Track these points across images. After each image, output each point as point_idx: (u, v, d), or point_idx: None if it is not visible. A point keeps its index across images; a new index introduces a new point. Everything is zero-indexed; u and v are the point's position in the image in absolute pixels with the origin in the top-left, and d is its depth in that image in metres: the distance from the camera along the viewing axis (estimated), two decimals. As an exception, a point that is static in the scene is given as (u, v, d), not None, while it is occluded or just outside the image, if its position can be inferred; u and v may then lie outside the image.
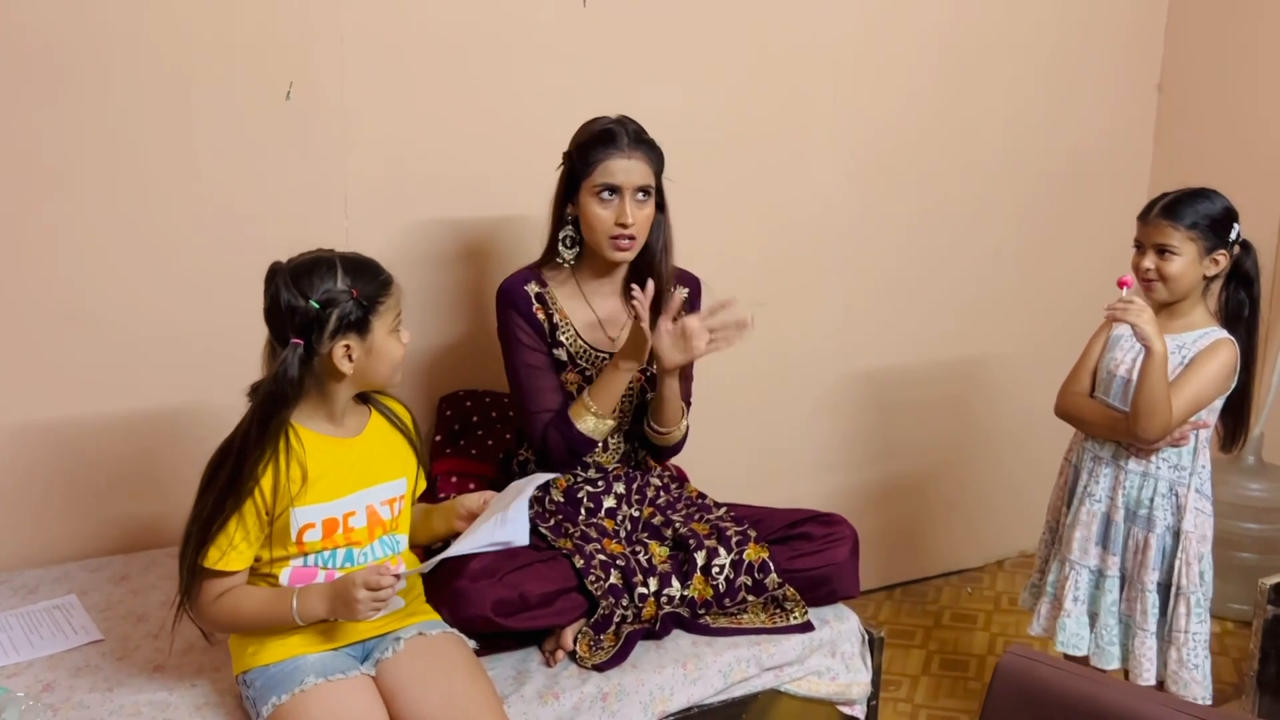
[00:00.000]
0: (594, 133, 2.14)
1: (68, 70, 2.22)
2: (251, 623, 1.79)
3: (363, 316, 1.76)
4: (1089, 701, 1.50)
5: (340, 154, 2.48)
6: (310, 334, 1.74)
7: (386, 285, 1.80)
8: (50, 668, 1.94)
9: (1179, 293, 2.26)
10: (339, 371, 1.77)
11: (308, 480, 1.76)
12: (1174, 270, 2.23)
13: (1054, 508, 2.52)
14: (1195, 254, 2.23)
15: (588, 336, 2.23)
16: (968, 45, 3.18)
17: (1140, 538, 2.29)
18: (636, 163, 2.11)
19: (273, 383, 1.74)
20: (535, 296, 2.21)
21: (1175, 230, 2.22)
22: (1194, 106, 3.47)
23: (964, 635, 3.18)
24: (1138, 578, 2.28)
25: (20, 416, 2.31)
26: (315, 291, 1.73)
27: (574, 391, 2.21)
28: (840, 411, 3.25)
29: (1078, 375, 2.41)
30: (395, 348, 1.82)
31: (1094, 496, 2.35)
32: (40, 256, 2.28)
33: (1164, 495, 2.28)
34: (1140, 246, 2.30)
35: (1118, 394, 2.31)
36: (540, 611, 2.01)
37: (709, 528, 2.26)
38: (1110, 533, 2.33)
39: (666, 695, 2.03)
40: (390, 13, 2.47)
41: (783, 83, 2.95)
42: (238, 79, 2.36)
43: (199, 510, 1.75)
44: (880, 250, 3.19)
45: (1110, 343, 2.38)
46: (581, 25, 2.66)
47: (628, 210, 2.10)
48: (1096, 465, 2.36)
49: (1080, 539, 2.36)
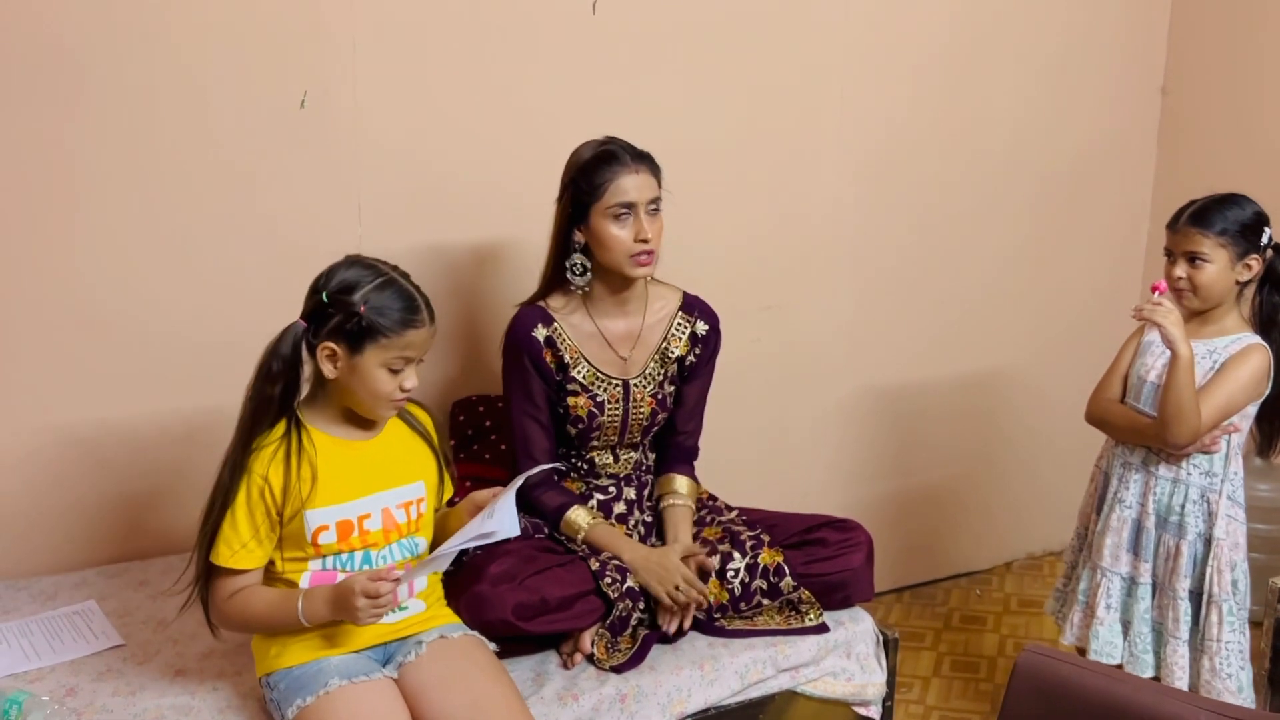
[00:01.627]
0: (594, 155, 2.14)
1: (87, 79, 2.25)
2: (261, 623, 1.80)
3: (358, 333, 1.75)
4: (1106, 697, 1.51)
5: (354, 161, 2.50)
6: (314, 322, 1.77)
7: (400, 325, 1.76)
8: (73, 672, 1.96)
9: (1212, 300, 2.23)
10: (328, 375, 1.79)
11: (318, 480, 1.78)
12: (1205, 279, 2.20)
13: (1084, 514, 2.49)
14: (1227, 261, 2.20)
15: (599, 362, 2.23)
16: (972, 49, 3.20)
17: (1171, 544, 2.26)
18: (644, 176, 2.12)
19: (265, 354, 1.77)
20: (545, 341, 2.19)
21: (1205, 238, 2.20)
22: (1198, 109, 3.48)
23: (974, 637, 3.20)
24: (1169, 585, 2.26)
25: (38, 424, 2.33)
26: (337, 286, 1.76)
27: (583, 416, 2.22)
28: (851, 414, 3.26)
29: (1109, 381, 2.38)
30: (383, 381, 1.77)
31: (1124, 503, 2.32)
32: (60, 263, 2.30)
33: (1195, 502, 2.24)
34: (1171, 255, 2.27)
35: (1148, 399, 2.28)
36: (560, 615, 2.03)
37: (722, 531, 2.28)
38: (1141, 539, 2.30)
39: (684, 696, 2.04)
40: (403, 22, 2.49)
41: (788, 88, 2.96)
42: (253, 88, 2.38)
43: (209, 505, 1.78)
44: (886, 254, 3.20)
45: (1141, 348, 2.35)
46: (591, 32, 2.68)
47: (645, 225, 2.11)
48: (1127, 471, 2.33)
49: (1111, 545, 2.33)
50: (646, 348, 2.27)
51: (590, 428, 2.24)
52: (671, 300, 2.30)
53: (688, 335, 2.29)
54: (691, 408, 2.35)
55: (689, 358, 2.29)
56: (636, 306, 2.26)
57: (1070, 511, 2.58)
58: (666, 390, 2.30)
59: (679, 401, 2.33)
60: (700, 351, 2.30)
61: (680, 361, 2.29)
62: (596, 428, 2.24)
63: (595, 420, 2.23)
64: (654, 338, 2.27)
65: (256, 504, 1.77)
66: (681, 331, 2.29)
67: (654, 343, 2.27)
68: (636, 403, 2.25)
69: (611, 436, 2.27)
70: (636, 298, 2.25)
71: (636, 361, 2.26)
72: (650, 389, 2.27)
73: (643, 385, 2.26)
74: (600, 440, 2.27)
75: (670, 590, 2.07)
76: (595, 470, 2.29)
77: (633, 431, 2.28)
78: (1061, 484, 3.32)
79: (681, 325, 2.29)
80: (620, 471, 2.31)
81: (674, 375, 2.31)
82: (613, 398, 2.23)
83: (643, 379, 2.26)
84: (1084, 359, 2.70)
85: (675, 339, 2.28)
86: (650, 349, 2.27)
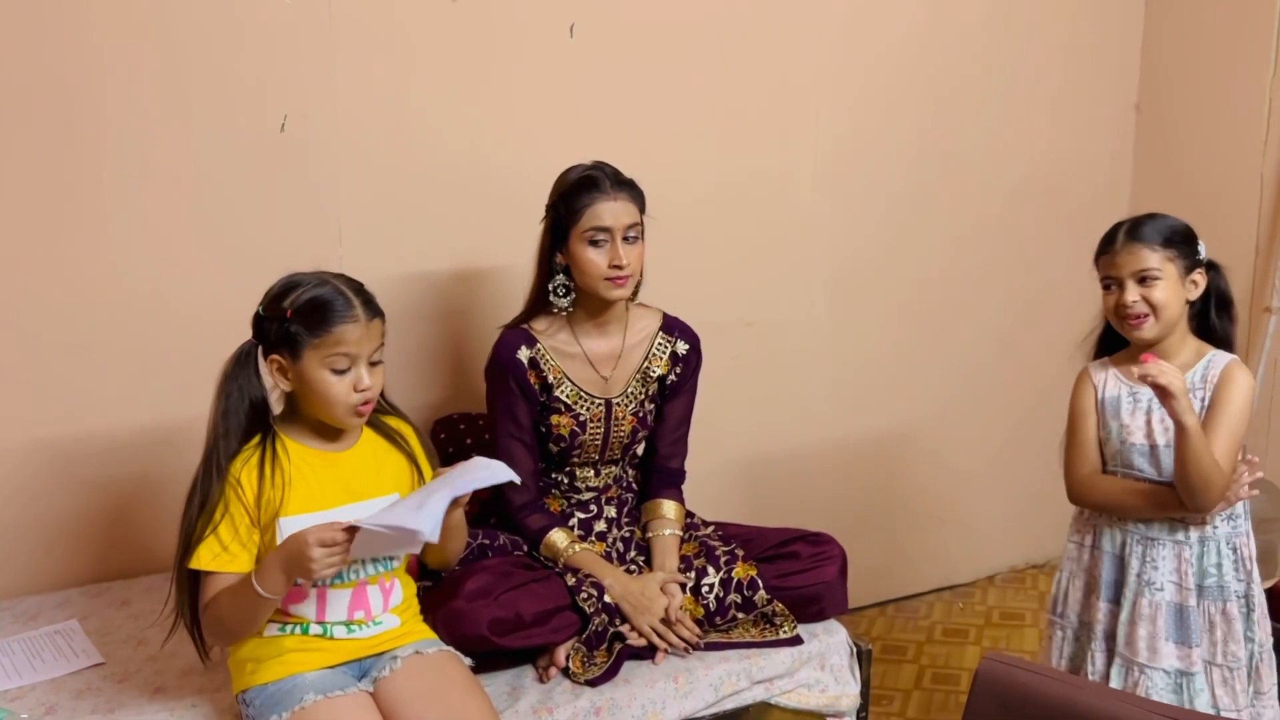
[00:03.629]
0: (576, 180, 2.18)
1: (67, 102, 2.28)
2: (232, 616, 1.77)
3: (291, 338, 1.77)
4: (1067, 704, 1.53)
5: (334, 183, 2.53)
6: (260, 339, 1.82)
7: (327, 322, 1.76)
8: (53, 691, 1.98)
9: (1170, 322, 2.01)
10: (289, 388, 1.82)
11: (291, 487, 1.80)
12: (1162, 296, 1.99)
13: (1075, 602, 2.18)
14: (1176, 275, 2.00)
15: (581, 381, 2.26)
16: (945, 65, 3.24)
17: (1215, 612, 2.02)
18: (622, 204, 2.16)
19: (220, 378, 1.83)
20: (529, 362, 2.22)
21: (1153, 251, 1.99)
22: (1172, 125, 3.51)
23: (955, 650, 3.21)
24: (1224, 656, 2.01)
25: (18, 444, 2.35)
26: (270, 297, 1.82)
27: (565, 435, 2.24)
28: (829, 428, 3.29)
29: (1081, 452, 2.12)
30: (331, 383, 1.78)
31: (1154, 585, 2.02)
32: (37, 284, 2.32)
33: (1226, 555, 2.02)
34: (1110, 284, 2.05)
35: (1144, 463, 2.05)
36: (535, 630, 2.05)
37: (698, 546, 2.31)
38: (1187, 623, 2.01)
39: (658, 709, 2.06)
40: (383, 44, 2.53)
41: (764, 106, 3.00)
42: (234, 110, 2.42)
43: (185, 515, 1.80)
44: (865, 269, 3.24)
45: (1106, 408, 2.11)
46: (569, 55, 2.71)
47: (620, 251, 2.14)
48: (1149, 549, 2.04)
49: (1146, 637, 2.02)
50: (628, 367, 2.30)
51: (572, 446, 2.27)
52: (652, 321, 2.34)
53: (668, 355, 2.32)
54: (674, 427, 2.37)
55: (670, 376, 2.33)
56: (617, 328, 2.29)
57: (1057, 523, 2.49)
58: (647, 409, 2.33)
59: (660, 418, 2.36)
60: (681, 371, 2.33)
61: (661, 381, 2.33)
62: (578, 446, 2.27)
63: (577, 439, 2.26)
64: (635, 357, 2.31)
65: (234, 504, 1.78)
66: (662, 351, 2.32)
67: (635, 362, 2.31)
68: (618, 421, 2.28)
69: (593, 454, 2.30)
70: (616, 319, 2.29)
71: (618, 381, 2.29)
72: (632, 407, 2.30)
73: (624, 404, 2.29)
74: (581, 457, 2.30)
75: (653, 626, 2.12)
76: (575, 485, 2.32)
77: (613, 449, 2.31)
78: (1045, 496, 3.33)
79: (662, 345, 2.32)
80: (600, 484, 2.34)
81: (655, 394, 2.34)
82: (595, 416, 2.26)
83: (624, 398, 2.29)
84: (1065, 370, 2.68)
85: (656, 359, 2.31)
86: (632, 368, 2.30)
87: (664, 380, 2.33)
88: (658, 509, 2.34)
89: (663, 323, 2.34)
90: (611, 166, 2.21)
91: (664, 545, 2.28)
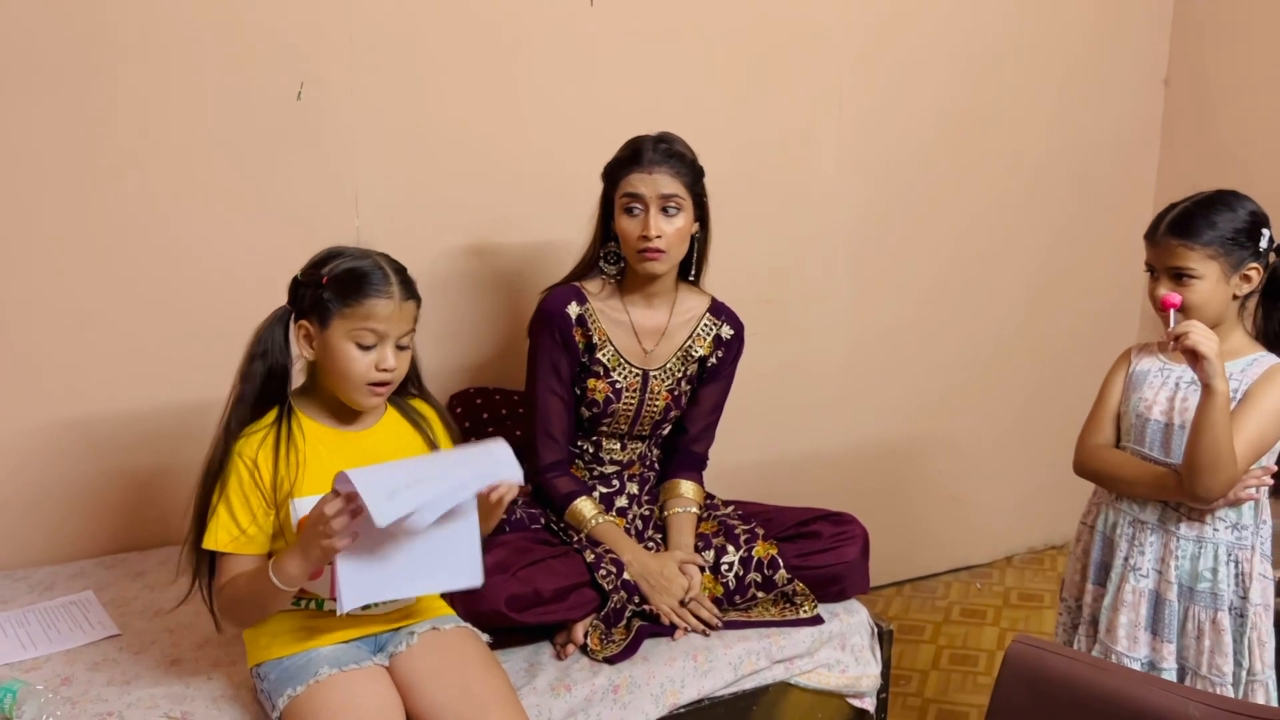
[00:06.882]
0: (624, 146, 2.19)
1: (83, 74, 2.25)
2: (247, 602, 1.75)
3: (323, 304, 1.75)
4: (1095, 688, 1.51)
5: (351, 153, 2.50)
6: (294, 305, 1.81)
7: (360, 293, 1.74)
8: (68, 662, 1.97)
9: (1206, 322, 1.82)
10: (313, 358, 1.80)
11: (306, 468, 1.78)
12: (1197, 298, 1.85)
13: (1072, 584, 2.13)
14: (1219, 274, 1.84)
15: (624, 349, 2.25)
16: (971, 38, 3.19)
17: (1204, 620, 1.90)
18: (659, 175, 2.13)
19: (251, 338, 1.80)
20: (576, 319, 2.21)
21: (1190, 250, 1.84)
22: (1201, 101, 3.46)
23: (973, 630, 3.19)
24: (1210, 668, 1.88)
25: (36, 415, 2.34)
26: (311, 264, 1.80)
27: (599, 400, 2.22)
28: (848, 408, 3.26)
29: (1098, 423, 2.03)
30: (353, 358, 1.75)
31: (1139, 571, 1.95)
32: (54, 255, 2.31)
33: (1225, 563, 1.90)
34: (1153, 271, 1.91)
35: (1155, 441, 1.95)
36: (553, 606, 2.04)
37: (717, 525, 2.28)
38: (1162, 615, 1.93)
39: (677, 687, 2.04)
40: (399, 13, 2.49)
41: (791, 84, 2.96)
42: (250, 80, 2.39)
43: (199, 492, 1.79)
44: (885, 247, 3.20)
45: (1133, 380, 2.00)
46: (588, 24, 2.67)
47: (651, 222, 2.11)
48: (1140, 532, 1.96)
49: (1126, 625, 1.95)
50: (671, 344, 2.28)
51: (604, 413, 2.24)
52: (701, 304, 2.32)
53: (712, 337, 2.30)
54: (707, 411, 2.36)
55: (711, 359, 2.31)
56: (664, 302, 2.27)
57: (1076, 505, 2.44)
58: (684, 388, 2.31)
59: (694, 400, 2.34)
60: (723, 354, 2.32)
61: (702, 362, 2.31)
62: (610, 414, 2.25)
63: (610, 406, 2.24)
64: (680, 335, 2.29)
65: (250, 488, 1.76)
66: (707, 333, 2.30)
67: (679, 340, 2.29)
68: (653, 395, 2.26)
69: (622, 425, 2.28)
70: (664, 294, 2.27)
71: (659, 355, 2.28)
72: (668, 383, 2.28)
73: (661, 378, 2.27)
74: (610, 427, 2.27)
75: (671, 607, 2.12)
76: (599, 456, 2.30)
77: (643, 424, 2.29)
78: (1065, 477, 3.29)
79: (708, 327, 2.30)
80: (625, 459, 2.31)
81: (694, 375, 2.32)
82: (631, 386, 2.24)
83: (662, 372, 2.27)
84: (1088, 346, 2.65)
85: (700, 339, 2.29)
86: (675, 345, 2.29)
87: (704, 362, 2.31)
88: (676, 488, 2.33)
89: (711, 305, 2.33)
90: (670, 137, 2.18)
91: (680, 523, 2.26)
